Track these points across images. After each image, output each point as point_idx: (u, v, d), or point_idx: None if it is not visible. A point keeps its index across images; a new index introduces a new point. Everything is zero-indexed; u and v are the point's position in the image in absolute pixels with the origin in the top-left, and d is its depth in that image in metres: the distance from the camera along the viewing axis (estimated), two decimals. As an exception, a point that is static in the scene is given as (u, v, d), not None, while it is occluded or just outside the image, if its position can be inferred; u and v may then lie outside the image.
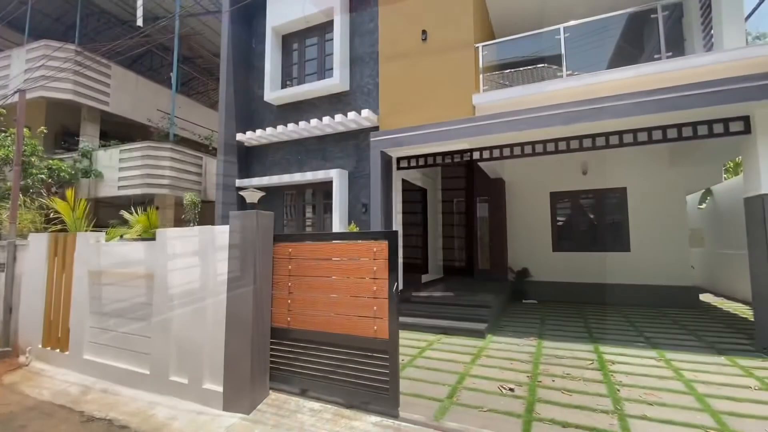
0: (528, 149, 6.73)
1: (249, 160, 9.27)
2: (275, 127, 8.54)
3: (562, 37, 6.43)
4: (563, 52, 6.42)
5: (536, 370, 4.57)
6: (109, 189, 11.63)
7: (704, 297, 9.47)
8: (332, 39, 8.27)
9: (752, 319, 5.80)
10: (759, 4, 5.89)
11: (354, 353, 3.56)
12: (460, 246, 10.93)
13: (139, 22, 11.59)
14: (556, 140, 6.48)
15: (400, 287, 6.83)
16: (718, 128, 5.48)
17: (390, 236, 3.54)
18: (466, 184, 10.80)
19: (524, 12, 9.15)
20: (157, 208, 9.90)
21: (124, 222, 6.54)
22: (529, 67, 7.50)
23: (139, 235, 5.98)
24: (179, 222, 11.58)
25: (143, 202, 11.18)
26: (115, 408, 3.92)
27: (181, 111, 14.28)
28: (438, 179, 11.12)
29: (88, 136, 12.59)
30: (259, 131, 8.54)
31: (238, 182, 8.87)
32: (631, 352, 5.17)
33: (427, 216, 10.00)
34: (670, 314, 7.60)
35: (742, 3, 5.91)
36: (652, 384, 4.06)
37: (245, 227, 3.73)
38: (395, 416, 3.35)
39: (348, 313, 3.64)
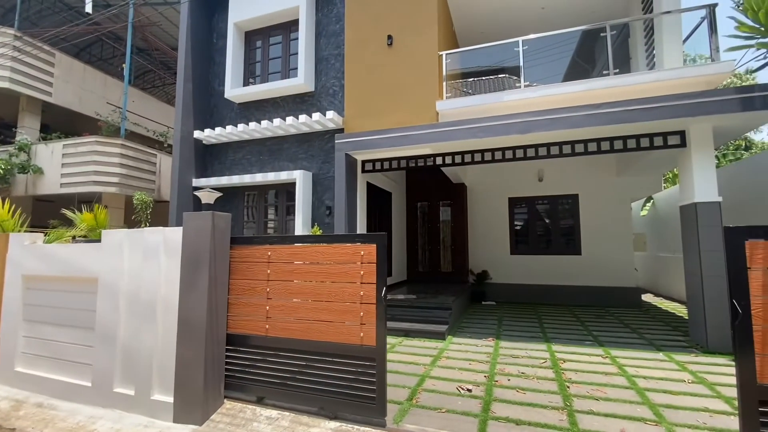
0: (488, 156, 6.96)
1: (207, 158, 8.91)
2: (236, 125, 8.29)
3: (520, 49, 6.71)
4: (521, 63, 6.71)
5: (493, 369, 4.71)
6: (50, 186, 10.76)
7: (646, 297, 10.20)
8: (297, 38, 8.14)
9: (687, 318, 6.31)
10: (695, 29, 6.43)
11: (338, 361, 3.42)
12: (424, 249, 11.08)
13: (88, 9, 10.85)
14: (513, 148, 6.75)
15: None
16: (658, 141, 5.94)
17: (378, 239, 3.41)
18: (430, 188, 10.98)
19: (486, 24, 9.49)
20: (105, 207, 9.30)
21: (66, 222, 6.09)
22: (491, 77, 7.78)
23: (84, 236, 5.59)
24: (130, 223, 10.92)
25: (89, 200, 10.44)
26: (51, 424, 3.61)
27: (135, 105, 13.51)
28: (403, 183, 11.23)
29: (27, 129, 11.61)
30: (218, 129, 8.23)
31: (195, 182, 8.50)
32: (580, 351, 5.46)
33: (391, 219, 10.06)
34: (615, 313, 8.11)
35: (680, 27, 6.44)
36: (598, 380, 4.31)
37: (200, 229, 3.57)
38: (382, 426, 3.25)
39: (332, 319, 3.50)
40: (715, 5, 5.84)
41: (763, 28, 2.89)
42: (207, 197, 6.63)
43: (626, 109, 5.46)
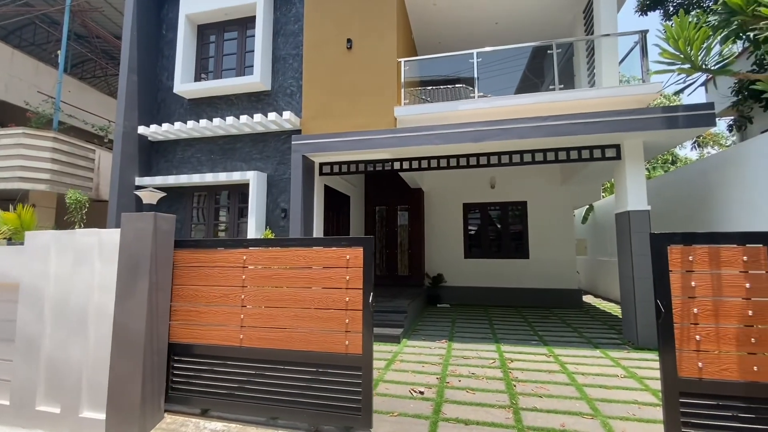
0: (443, 162, 7.14)
1: (153, 156, 8.38)
2: (186, 121, 7.87)
3: (474, 61, 6.98)
4: (476, 75, 6.98)
5: (445, 371, 4.81)
6: (-35, 181, 9.59)
7: (586, 298, 10.93)
8: (254, 35, 7.91)
9: (621, 317, 6.83)
10: (628, 53, 7.04)
11: (321, 371, 3.24)
12: (382, 253, 11.14)
13: (17, -12, 9.86)
14: (467, 155, 6.98)
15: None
16: (597, 153, 6.41)
17: (365, 242, 3.27)
18: (389, 192, 11.07)
19: (444, 35, 9.78)
20: (33, 206, 8.45)
21: (-16, 222, 5.47)
22: (448, 86, 8.03)
23: (8, 238, 5.05)
24: (62, 224, 10.01)
25: (13, 198, 9.45)
26: (-45, 450, 3.20)
27: (71, 96, 12.46)
28: (362, 187, 11.23)
29: (-62, 116, 10.30)
30: (166, 125, 7.76)
31: (139, 180, 7.95)
32: (526, 350, 5.73)
33: (350, 223, 10.01)
34: (559, 314, 8.60)
35: (617, 49, 7.01)
36: (542, 378, 4.54)
37: (140, 231, 3.34)
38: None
39: (315, 327, 3.31)
40: (646, 31, 6.43)
41: (682, 56, 3.22)
42: (149, 197, 6.20)
43: (569, 122, 5.84)
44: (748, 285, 2.65)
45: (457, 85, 7.94)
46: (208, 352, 3.53)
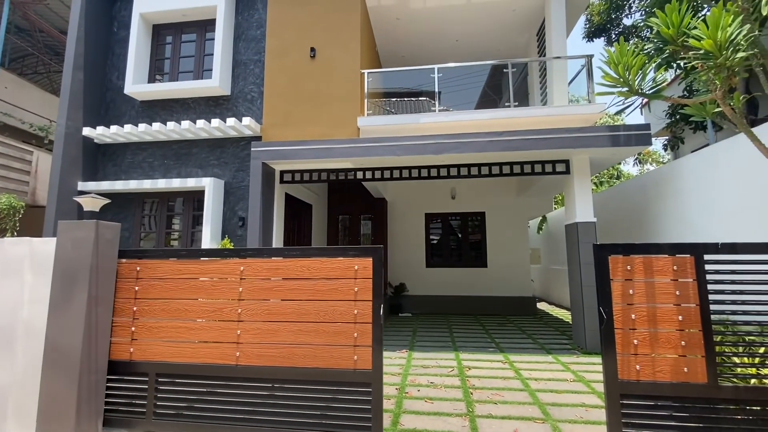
0: (406, 173, 7.26)
1: (99, 159, 7.86)
2: (137, 124, 7.47)
3: (435, 76, 7.20)
4: (437, 89, 7.18)
5: (404, 381, 4.81)
6: None
7: (541, 305, 11.41)
8: (213, 39, 7.69)
9: (571, 323, 7.18)
10: (576, 75, 7.55)
11: (326, 389, 3.07)
12: (343, 262, 11.03)
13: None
14: (429, 167, 7.14)
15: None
16: (549, 168, 6.77)
17: (374, 253, 3.17)
18: (352, 202, 11.05)
19: (407, 49, 10.02)
20: (-45, 211, 7.64)
21: None
22: (412, 99, 8.20)
23: None
24: (-9, 230, 9.09)
25: (-68, 202, 8.46)
26: None
27: (8, 92, 11.46)
28: (325, 196, 11.13)
29: None
30: (114, 127, 7.31)
31: (82, 185, 7.40)
32: (484, 357, 5.87)
33: (312, 232, 9.86)
34: (515, 321, 8.91)
35: (566, 71, 7.48)
36: (498, 385, 4.66)
37: (79, 240, 3.10)
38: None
39: (321, 342, 3.14)
40: (591, 56, 6.93)
41: (621, 80, 3.49)
42: (90, 204, 5.72)
43: (523, 138, 6.14)
44: (677, 292, 2.88)
45: (420, 98, 8.13)
46: (185, 372, 3.27)
